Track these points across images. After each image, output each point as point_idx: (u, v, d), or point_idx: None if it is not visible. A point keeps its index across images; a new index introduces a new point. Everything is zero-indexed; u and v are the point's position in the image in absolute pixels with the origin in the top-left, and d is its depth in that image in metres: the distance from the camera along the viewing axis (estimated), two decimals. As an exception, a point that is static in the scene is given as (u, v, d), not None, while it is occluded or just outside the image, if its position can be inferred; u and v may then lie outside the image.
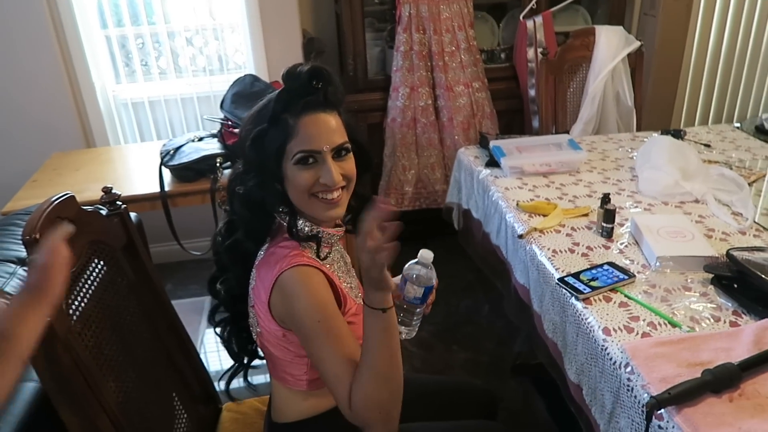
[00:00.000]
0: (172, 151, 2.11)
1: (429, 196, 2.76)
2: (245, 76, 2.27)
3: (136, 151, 2.53)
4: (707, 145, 2.07)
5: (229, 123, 2.16)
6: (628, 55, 2.39)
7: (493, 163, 1.95)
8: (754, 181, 1.76)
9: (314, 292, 0.98)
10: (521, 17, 2.68)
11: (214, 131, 2.23)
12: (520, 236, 1.54)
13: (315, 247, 1.06)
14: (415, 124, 2.67)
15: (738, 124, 2.30)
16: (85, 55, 2.55)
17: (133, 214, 1.72)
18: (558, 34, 2.72)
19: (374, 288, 0.92)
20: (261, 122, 1.02)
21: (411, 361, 2.27)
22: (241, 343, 1.20)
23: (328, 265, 1.08)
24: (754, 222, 1.53)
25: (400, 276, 1.08)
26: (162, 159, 2.09)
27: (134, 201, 2.02)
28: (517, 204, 1.68)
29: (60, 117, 2.58)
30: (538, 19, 2.65)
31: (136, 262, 1.22)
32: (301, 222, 1.06)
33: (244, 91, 2.23)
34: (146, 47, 2.69)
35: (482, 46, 2.81)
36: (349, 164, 1.04)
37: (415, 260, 1.07)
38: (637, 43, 2.37)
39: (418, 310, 1.10)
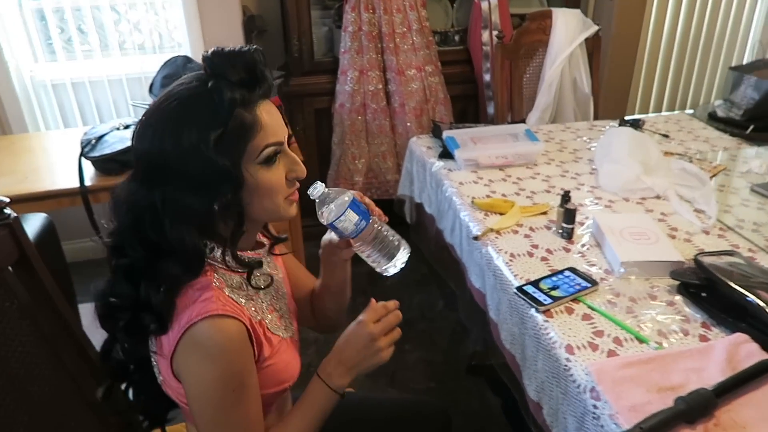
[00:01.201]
0: (93, 141, 1.90)
1: (380, 186, 2.62)
2: (176, 57, 2.07)
3: (58, 138, 2.29)
4: (665, 136, 2.00)
5: (159, 109, 1.96)
6: (585, 40, 2.29)
7: (446, 154, 1.83)
8: (714, 175, 1.69)
9: (229, 358, 0.82)
10: (475, -2, 2.55)
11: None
12: (476, 238, 1.43)
13: (239, 278, 0.91)
14: (365, 109, 2.52)
15: (692, 111, 2.25)
16: (-4, 31, 2.28)
17: (41, 215, 1.53)
18: (513, 17, 2.61)
19: (351, 375, 0.92)
20: (209, 126, 0.80)
21: (361, 363, 2.15)
22: (151, 395, 0.99)
23: (252, 301, 0.92)
24: (717, 221, 1.46)
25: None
26: (82, 149, 1.88)
27: (51, 197, 1.81)
28: (473, 201, 1.56)
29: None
30: (493, 0, 2.53)
31: (32, 280, 1.03)
32: (226, 255, 0.90)
33: (176, 74, 2.02)
34: (68, 22, 2.43)
35: (435, 28, 2.67)
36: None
37: (318, 202, 0.94)
38: (595, 28, 2.28)
39: (372, 232, 0.97)
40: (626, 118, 2.10)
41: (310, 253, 2.90)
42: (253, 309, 0.91)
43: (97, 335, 0.99)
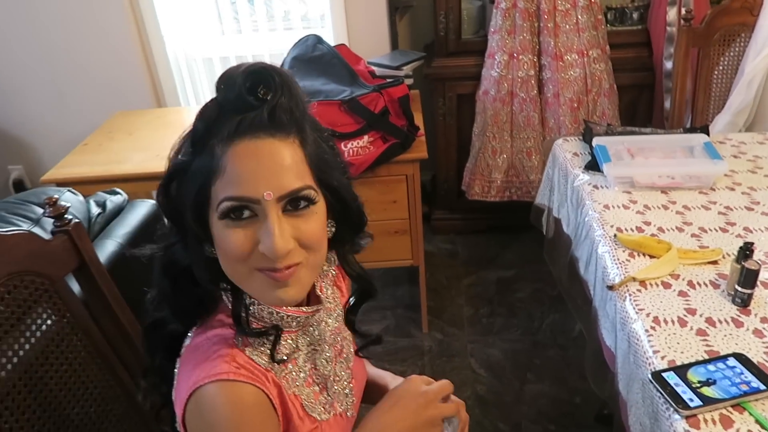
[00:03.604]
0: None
1: (522, 186, 2.32)
2: (308, 36, 1.96)
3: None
4: None
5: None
6: (811, 22, 1.74)
7: (595, 165, 1.50)
8: None
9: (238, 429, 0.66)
10: (665, -34, 2.09)
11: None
12: (611, 287, 1.12)
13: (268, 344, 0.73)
14: (512, 98, 2.21)
15: None
16: (155, 7, 2.36)
17: (150, 202, 1.51)
18: (713, -10, 2.10)
19: None
20: (182, 151, 0.68)
21: (474, 388, 1.93)
22: None
23: (283, 370, 0.74)
24: None
25: None
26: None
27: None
28: (616, 235, 1.24)
29: (128, 73, 2.44)
30: (688, -31, 2.05)
31: (92, 288, 0.98)
32: (252, 304, 0.73)
33: (305, 55, 1.92)
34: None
35: (609, 3, 2.25)
36: (311, 224, 0.68)
37: None
38: (828, 7, 1.72)
39: None
40: None
41: (436, 248, 2.72)
42: (286, 377, 0.74)
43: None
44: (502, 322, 2.19)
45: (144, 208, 1.49)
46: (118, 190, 1.53)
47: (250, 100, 0.64)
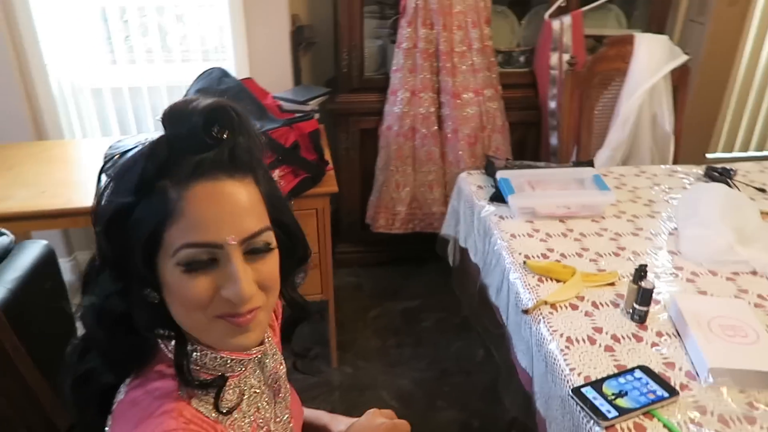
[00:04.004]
0: (117, 156, 1.76)
1: (424, 218, 2.40)
2: (213, 69, 1.92)
3: (91, 147, 2.17)
4: (762, 190, 1.70)
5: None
6: (672, 70, 2.00)
7: (499, 197, 1.59)
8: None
9: None
10: (546, 15, 2.30)
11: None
12: (525, 311, 1.19)
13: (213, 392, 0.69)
14: (414, 134, 2.30)
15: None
16: (36, 32, 2.20)
17: (41, 243, 1.39)
18: (588, 38, 2.33)
19: None
20: (123, 191, 0.63)
21: (387, 419, 1.93)
22: None
23: (229, 418, 0.70)
24: (834, 312, 1.16)
25: None
26: (103, 165, 1.74)
27: (66, 215, 1.68)
28: (525, 262, 1.32)
29: (4, 103, 2.23)
30: (566, 20, 2.27)
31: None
32: (195, 351, 0.68)
33: (210, 88, 1.87)
34: (110, 26, 2.32)
35: (498, 47, 2.43)
36: (270, 266, 0.66)
37: None
38: (684, 57, 1.98)
39: None
40: (714, 162, 1.81)
41: (341, 282, 2.72)
42: (233, 425, 0.70)
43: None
44: (410, 352, 2.23)
45: (35, 249, 1.37)
46: (4, 230, 1.39)
47: (205, 139, 0.62)
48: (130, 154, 0.64)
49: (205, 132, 0.62)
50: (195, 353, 0.68)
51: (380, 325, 2.37)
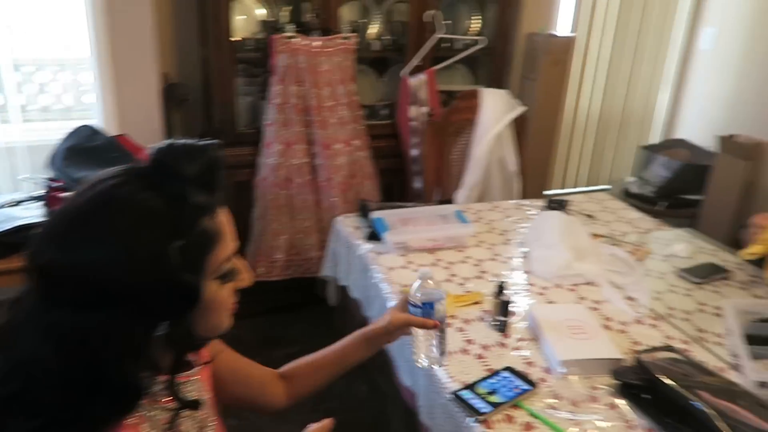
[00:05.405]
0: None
1: (303, 263, 2.48)
2: (81, 127, 1.91)
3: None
4: (590, 216, 2.02)
5: (58, 185, 1.77)
6: (513, 119, 2.32)
7: (374, 236, 1.74)
8: (641, 259, 1.69)
9: None
10: (402, 73, 2.56)
11: (38, 193, 1.83)
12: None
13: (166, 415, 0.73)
14: (289, 183, 2.41)
15: (608, 187, 2.30)
16: None
17: None
18: (441, 93, 2.62)
19: None
20: (170, 235, 0.64)
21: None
22: None
23: None
24: (648, 309, 1.43)
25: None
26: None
27: None
28: (401, 290, 1.46)
29: None
30: (421, 77, 2.54)
31: None
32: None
33: (80, 146, 1.86)
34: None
35: (363, 102, 2.64)
36: None
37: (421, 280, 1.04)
38: (522, 108, 2.32)
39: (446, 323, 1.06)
40: (552, 196, 2.11)
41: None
42: None
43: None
44: (294, 398, 2.25)
45: None
46: None
47: (220, 176, 0.72)
48: (135, 205, 0.66)
49: (215, 168, 0.71)
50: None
51: (265, 374, 2.37)
